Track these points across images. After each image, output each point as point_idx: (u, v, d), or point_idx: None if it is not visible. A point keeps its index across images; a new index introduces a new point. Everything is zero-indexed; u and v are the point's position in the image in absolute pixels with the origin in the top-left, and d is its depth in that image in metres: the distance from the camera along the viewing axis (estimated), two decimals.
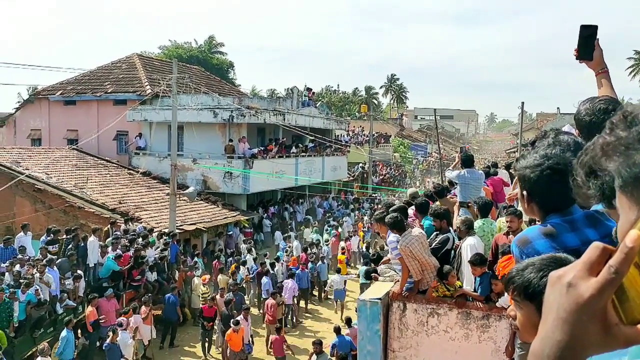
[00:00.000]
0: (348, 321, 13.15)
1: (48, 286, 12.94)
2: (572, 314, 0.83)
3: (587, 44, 2.83)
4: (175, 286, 16.08)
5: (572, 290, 0.85)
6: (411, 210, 7.71)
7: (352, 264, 22.79)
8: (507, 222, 5.91)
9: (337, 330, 12.45)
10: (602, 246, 0.86)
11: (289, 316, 17.02)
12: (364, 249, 22.53)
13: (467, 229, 6.39)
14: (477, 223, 6.71)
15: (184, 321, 16.20)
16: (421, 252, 5.83)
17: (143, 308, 13.65)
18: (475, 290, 5.84)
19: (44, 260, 13.42)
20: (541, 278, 1.59)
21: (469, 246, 6.12)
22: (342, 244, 22.27)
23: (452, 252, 6.62)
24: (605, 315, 0.82)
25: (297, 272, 17.93)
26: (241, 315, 13.78)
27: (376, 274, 7.94)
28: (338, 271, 18.89)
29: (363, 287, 13.74)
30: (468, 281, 6.05)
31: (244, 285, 17.68)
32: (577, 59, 2.87)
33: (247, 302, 18.03)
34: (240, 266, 17.96)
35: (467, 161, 8.51)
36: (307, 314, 18.42)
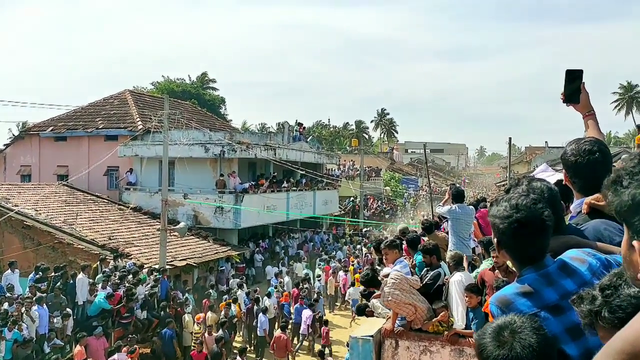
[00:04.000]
0: (321, 354, 13.67)
1: (33, 322, 12.70)
2: None
3: (574, 88, 2.91)
4: (171, 320, 15.82)
5: None
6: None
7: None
8: (493, 257, 5.91)
9: None
10: None
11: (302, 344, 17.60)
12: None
13: (456, 264, 6.39)
14: (485, 263, 6.67)
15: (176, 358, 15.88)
16: (405, 296, 5.79)
17: (125, 348, 13.32)
18: (467, 326, 5.80)
19: (34, 298, 13.22)
20: (486, 348, 1.70)
21: (456, 282, 6.10)
22: (330, 279, 22.29)
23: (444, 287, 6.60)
24: None
25: (296, 305, 18.13)
26: (238, 357, 13.62)
27: (370, 309, 7.89)
28: (352, 284, 20.76)
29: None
30: (458, 317, 6.00)
31: (235, 322, 17.42)
32: (564, 102, 2.95)
33: (240, 338, 17.83)
34: (232, 303, 17.68)
35: (458, 196, 8.55)
36: (300, 351, 18.14)
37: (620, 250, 1.29)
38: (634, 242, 1.09)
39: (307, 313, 17.44)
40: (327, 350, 15.90)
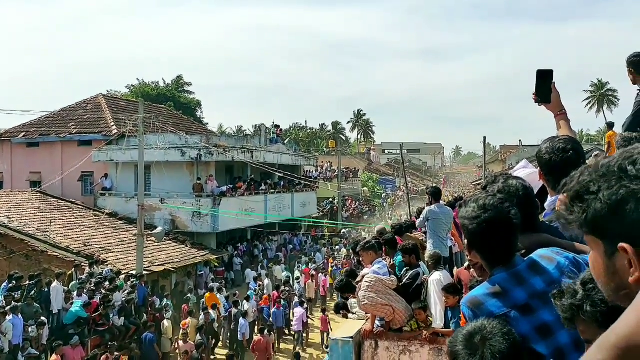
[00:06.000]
0: (297, 356, 14.14)
1: (4, 335, 12.42)
2: None
3: (545, 88, 2.95)
4: (152, 324, 15.62)
5: None
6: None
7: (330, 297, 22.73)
8: (467, 256, 5.96)
9: None
10: None
11: (298, 342, 18.05)
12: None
13: (435, 264, 6.43)
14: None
15: None
16: (381, 297, 5.80)
17: (104, 357, 13.12)
18: (448, 325, 5.84)
19: (7, 308, 12.93)
20: (458, 355, 1.76)
21: (435, 281, 6.14)
22: (309, 282, 22.28)
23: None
24: None
25: (273, 310, 18.12)
26: None
27: (345, 311, 7.89)
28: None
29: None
30: (437, 316, 6.03)
31: (217, 328, 17.26)
32: (536, 102, 3.00)
33: (220, 344, 17.69)
34: (210, 310, 17.48)
35: (436, 194, 8.64)
36: (280, 354, 18.12)
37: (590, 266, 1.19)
38: (622, 245, 1.01)
39: (299, 311, 17.88)
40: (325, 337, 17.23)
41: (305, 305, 18.92)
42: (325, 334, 17.53)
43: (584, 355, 0.99)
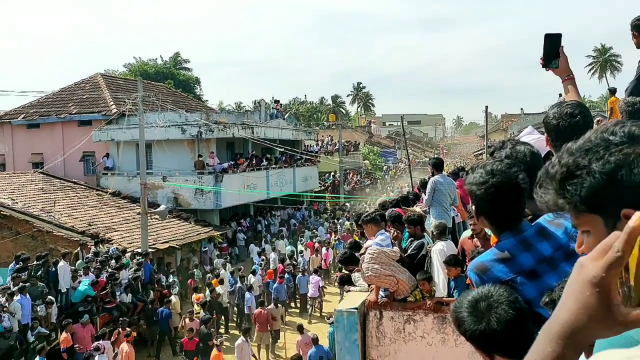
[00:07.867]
0: (300, 328, 14.11)
1: (12, 314, 12.56)
2: (578, 291, 0.88)
3: (552, 52, 2.90)
4: (169, 300, 15.86)
5: (581, 269, 0.90)
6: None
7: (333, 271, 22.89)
8: (470, 224, 5.97)
9: (315, 341, 12.51)
10: (618, 233, 0.90)
11: (314, 307, 19.11)
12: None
13: (440, 234, 6.45)
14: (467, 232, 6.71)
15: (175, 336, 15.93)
16: (384, 268, 5.83)
17: (115, 332, 13.28)
18: (450, 294, 5.89)
19: (15, 288, 13.07)
20: (464, 322, 1.80)
21: (438, 251, 6.16)
22: (313, 256, 22.47)
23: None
24: (608, 294, 0.85)
25: (275, 285, 18.21)
26: (241, 337, 13.75)
27: (348, 285, 7.95)
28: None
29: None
30: (439, 285, 6.08)
31: (221, 301, 17.45)
32: (543, 67, 2.94)
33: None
34: (219, 284, 17.66)
35: (438, 165, 8.63)
36: (286, 327, 18.32)
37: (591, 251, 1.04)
38: (627, 210, 0.93)
39: (315, 278, 18.73)
40: None
41: (319, 272, 19.60)
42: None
43: (532, 345, 0.97)
